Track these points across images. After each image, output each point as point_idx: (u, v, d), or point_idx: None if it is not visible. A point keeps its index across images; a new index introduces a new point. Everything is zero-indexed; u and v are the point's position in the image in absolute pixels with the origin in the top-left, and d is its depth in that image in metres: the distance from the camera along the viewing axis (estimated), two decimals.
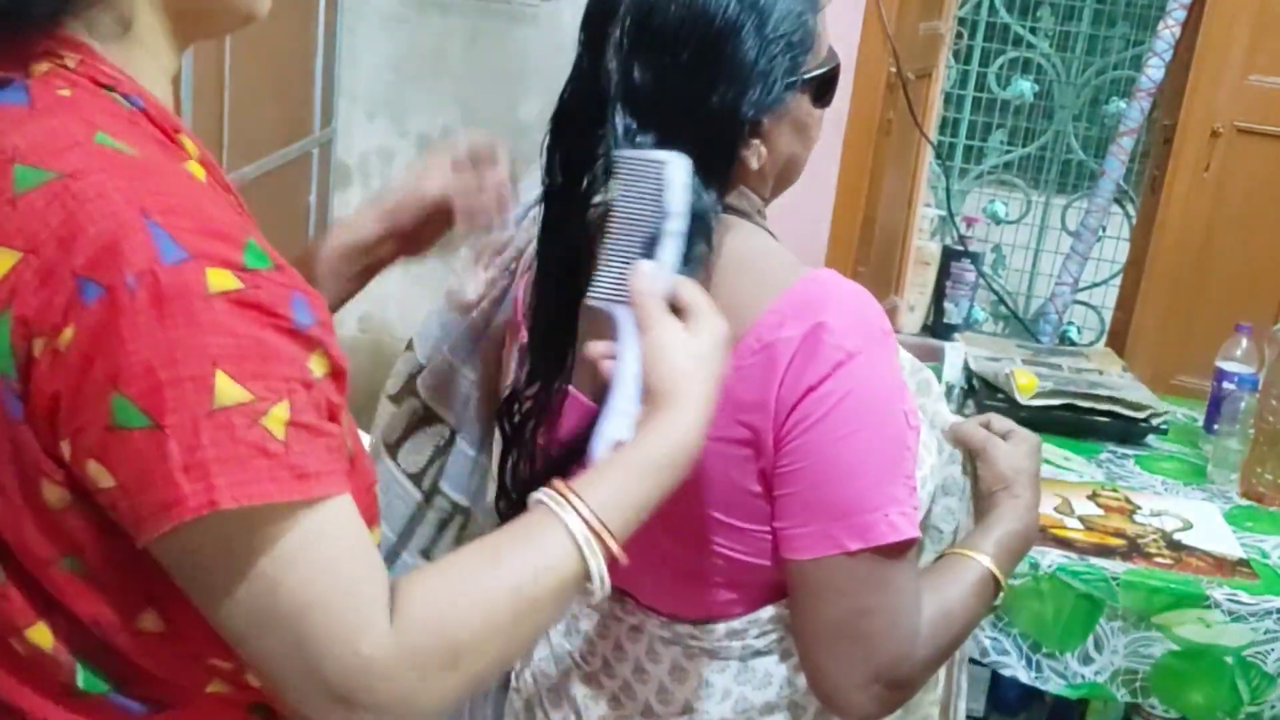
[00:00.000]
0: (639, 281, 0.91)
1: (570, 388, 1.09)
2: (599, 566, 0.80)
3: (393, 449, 1.26)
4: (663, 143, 0.97)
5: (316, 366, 0.73)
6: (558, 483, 0.82)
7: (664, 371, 0.88)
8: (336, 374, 0.75)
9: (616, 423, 0.90)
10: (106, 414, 0.68)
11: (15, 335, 0.70)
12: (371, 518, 0.81)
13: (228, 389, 0.68)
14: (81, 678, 0.78)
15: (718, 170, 1.00)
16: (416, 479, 1.26)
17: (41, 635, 0.77)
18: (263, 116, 2.55)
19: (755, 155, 1.01)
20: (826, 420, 0.96)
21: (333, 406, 0.75)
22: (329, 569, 0.72)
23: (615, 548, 0.81)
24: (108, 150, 0.72)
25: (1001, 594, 1.09)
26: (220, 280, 0.69)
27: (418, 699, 0.74)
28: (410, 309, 1.43)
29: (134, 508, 0.70)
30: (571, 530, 0.80)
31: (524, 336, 1.14)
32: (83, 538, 0.74)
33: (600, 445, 0.89)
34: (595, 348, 0.94)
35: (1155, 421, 2.15)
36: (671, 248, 0.92)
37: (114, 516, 0.72)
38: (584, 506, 0.81)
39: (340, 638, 0.72)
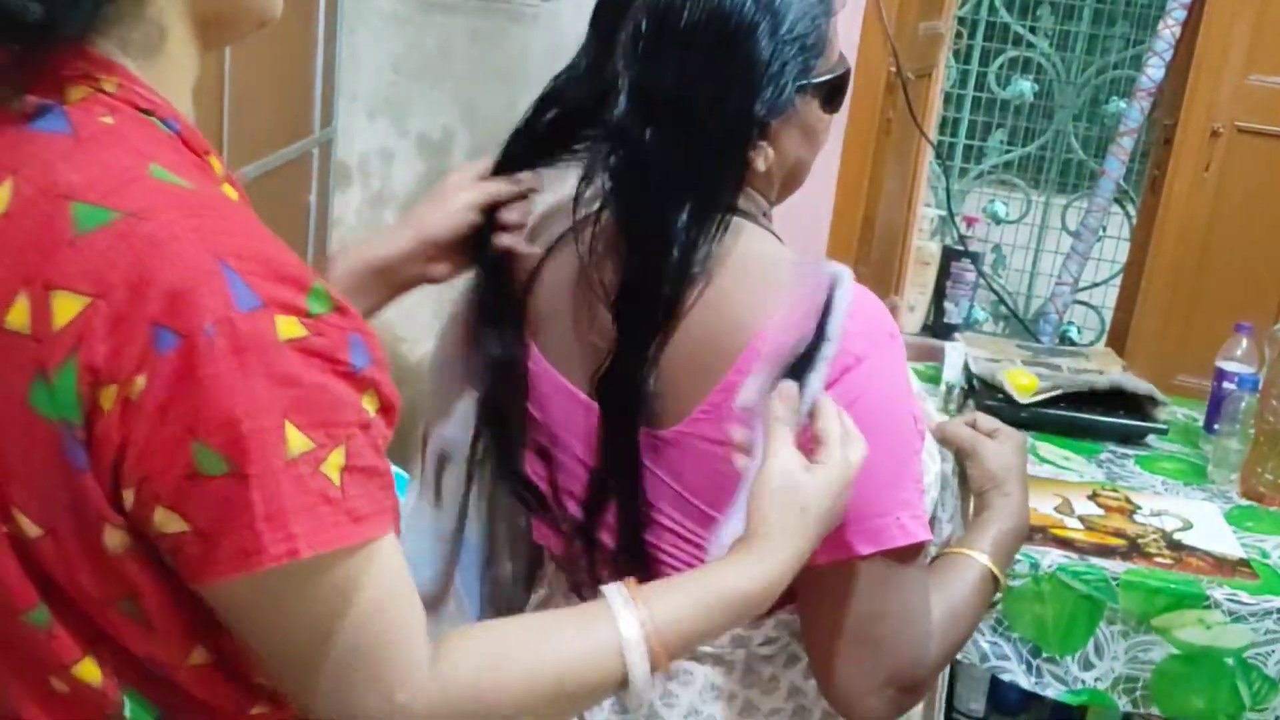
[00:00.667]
0: (777, 403, 0.93)
1: (550, 366, 1.09)
2: (643, 677, 0.81)
3: None
4: (672, 140, 0.97)
5: (369, 405, 0.73)
6: (632, 584, 0.84)
7: (765, 509, 0.90)
8: (387, 409, 0.75)
9: (735, 525, 0.92)
10: (187, 462, 0.68)
11: (83, 383, 0.68)
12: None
13: (296, 439, 0.69)
14: (129, 709, 0.78)
15: (727, 170, 1.00)
16: None
17: (89, 671, 0.77)
18: (263, 116, 2.54)
19: (762, 157, 1.01)
20: None
21: (386, 442, 0.76)
22: (378, 614, 0.74)
23: (663, 664, 0.82)
24: (167, 186, 0.71)
25: (1000, 592, 1.09)
26: (288, 328, 0.69)
27: None
28: (411, 309, 1.42)
29: (207, 551, 0.70)
30: (624, 636, 0.82)
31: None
32: (139, 580, 0.74)
33: (717, 544, 0.92)
34: (737, 433, 0.96)
35: (1157, 409, 2.16)
36: (821, 372, 0.93)
37: (170, 559, 0.72)
38: (648, 617, 0.82)
39: (380, 683, 0.74)
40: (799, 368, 0.93)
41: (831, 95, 1.05)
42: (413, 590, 0.77)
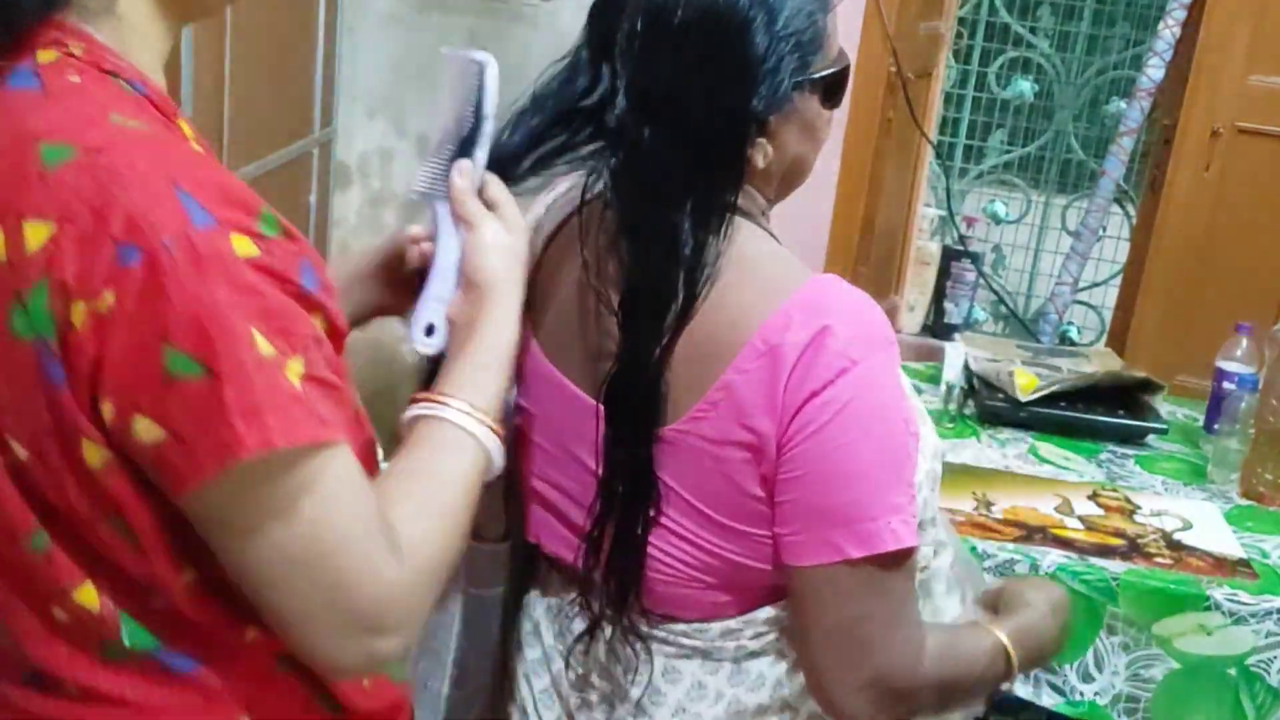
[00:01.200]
0: (459, 180, 0.99)
1: (548, 363, 1.08)
2: (498, 449, 0.93)
3: None
4: (670, 139, 0.98)
5: (318, 322, 0.78)
6: (444, 396, 0.91)
7: (489, 267, 0.98)
8: (335, 334, 0.80)
9: (432, 308, 0.99)
10: (159, 368, 0.72)
11: (54, 301, 0.73)
12: (371, 471, 0.87)
13: (262, 343, 0.74)
14: (128, 635, 0.82)
15: (726, 168, 1.00)
16: None
17: (88, 596, 0.80)
18: (263, 116, 2.54)
19: (761, 154, 1.01)
20: (829, 427, 0.96)
21: (337, 364, 0.80)
22: (354, 506, 0.78)
23: (500, 431, 0.93)
24: (124, 128, 0.76)
25: (1010, 680, 1.11)
26: (243, 246, 0.75)
27: (424, 610, 0.84)
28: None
29: (186, 455, 0.73)
30: (481, 440, 0.91)
31: None
32: (123, 498, 0.77)
33: (416, 329, 0.98)
34: (414, 230, 1.02)
35: (1155, 394, 2.16)
36: (485, 148, 1.00)
37: (154, 474, 0.75)
38: (477, 412, 0.92)
39: (368, 568, 0.78)
40: (465, 149, 0.99)
41: (831, 91, 1.05)
42: (370, 486, 0.81)
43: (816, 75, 1.02)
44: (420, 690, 1.23)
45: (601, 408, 1.03)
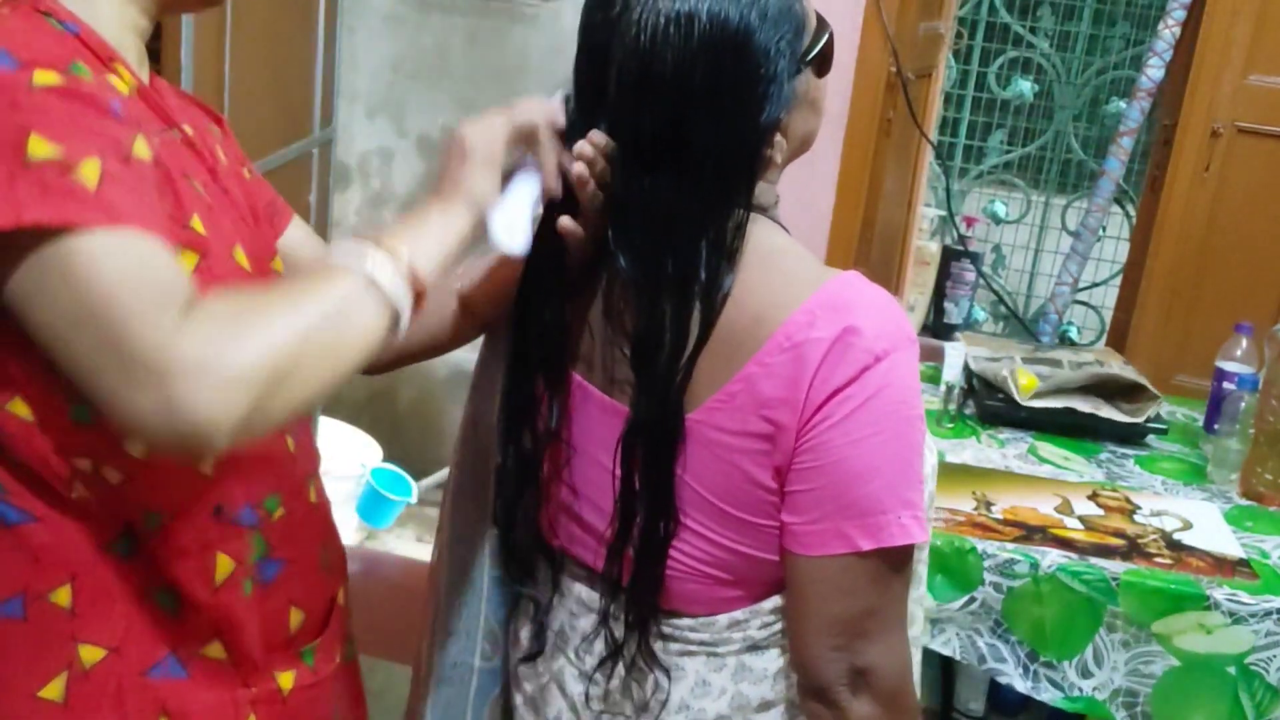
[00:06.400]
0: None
1: (579, 377, 1.09)
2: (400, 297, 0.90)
3: None
4: (677, 182, 0.99)
5: (140, 149, 0.85)
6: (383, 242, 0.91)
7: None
8: (157, 161, 0.87)
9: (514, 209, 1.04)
10: None
11: None
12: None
13: (39, 147, 0.80)
14: None
15: (742, 185, 1.01)
16: None
17: None
18: (263, 116, 2.54)
19: (779, 150, 1.02)
20: (850, 420, 0.97)
21: (146, 175, 0.85)
22: (133, 274, 0.81)
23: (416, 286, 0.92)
24: (9, 25, 0.86)
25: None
26: (45, 78, 0.82)
27: (237, 379, 0.80)
28: None
29: None
30: (371, 274, 0.89)
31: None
32: None
33: (498, 228, 1.03)
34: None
35: (1154, 411, 2.15)
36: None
37: None
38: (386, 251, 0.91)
39: (148, 320, 0.80)
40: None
41: (823, 62, 1.06)
42: (177, 272, 0.84)
43: (809, 56, 1.03)
44: (450, 669, 1.25)
45: (627, 410, 1.04)
